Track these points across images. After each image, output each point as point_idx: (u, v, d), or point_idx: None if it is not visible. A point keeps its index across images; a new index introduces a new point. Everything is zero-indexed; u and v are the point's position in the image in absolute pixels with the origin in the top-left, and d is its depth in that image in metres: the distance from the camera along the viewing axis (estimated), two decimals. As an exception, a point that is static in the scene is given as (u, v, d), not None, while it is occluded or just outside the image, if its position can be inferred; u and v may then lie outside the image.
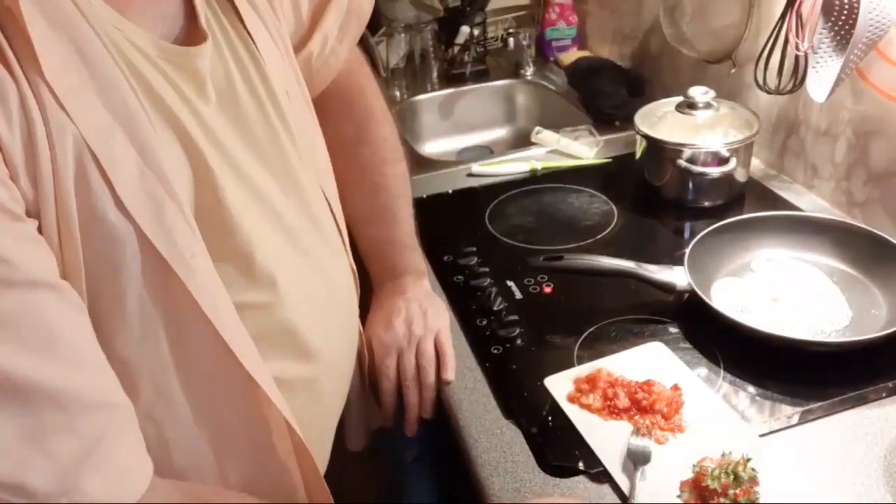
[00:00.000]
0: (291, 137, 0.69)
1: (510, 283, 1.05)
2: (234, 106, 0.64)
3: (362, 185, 0.94)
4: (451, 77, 1.86)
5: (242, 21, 0.67)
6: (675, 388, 0.83)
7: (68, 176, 0.49)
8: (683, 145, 1.18)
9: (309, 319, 0.68)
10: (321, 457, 0.75)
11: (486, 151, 1.81)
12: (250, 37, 0.67)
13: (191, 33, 0.62)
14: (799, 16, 1.07)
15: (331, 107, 0.84)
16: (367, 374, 0.91)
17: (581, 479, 0.76)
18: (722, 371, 0.88)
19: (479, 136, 1.85)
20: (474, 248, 1.14)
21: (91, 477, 0.47)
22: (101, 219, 0.50)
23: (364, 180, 0.95)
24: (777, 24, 1.13)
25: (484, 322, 0.98)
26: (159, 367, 0.56)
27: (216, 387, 0.59)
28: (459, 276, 1.09)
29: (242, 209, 0.61)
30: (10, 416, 0.44)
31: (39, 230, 0.49)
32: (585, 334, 0.95)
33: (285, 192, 0.68)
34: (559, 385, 0.86)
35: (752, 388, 0.86)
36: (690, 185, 1.21)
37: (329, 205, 0.77)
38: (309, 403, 0.70)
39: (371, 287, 0.98)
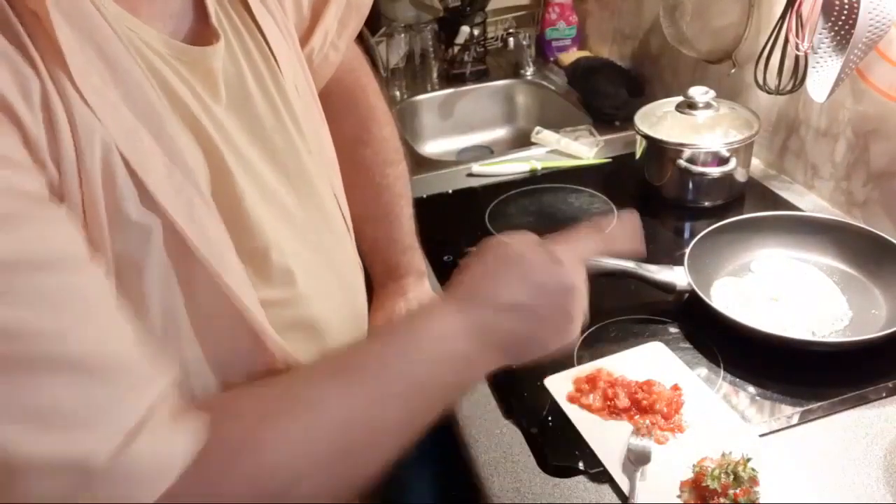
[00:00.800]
0: (301, 134, 0.69)
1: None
2: (245, 104, 0.64)
3: (364, 186, 0.94)
4: (451, 77, 1.86)
5: (252, 15, 0.67)
6: (675, 388, 0.83)
7: (96, 177, 0.49)
8: (683, 145, 1.18)
9: (325, 314, 0.69)
10: None
11: (486, 151, 1.81)
12: (260, 31, 0.67)
13: (200, 30, 0.61)
14: (799, 16, 1.07)
15: (333, 106, 0.84)
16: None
17: (581, 479, 0.76)
18: (722, 371, 0.88)
19: (479, 136, 1.86)
20: (474, 249, 1.14)
21: (148, 438, 0.46)
22: (127, 221, 0.50)
23: (366, 181, 0.95)
24: (777, 24, 1.13)
25: (484, 322, 0.98)
26: (183, 370, 0.55)
27: (243, 380, 0.60)
28: (459, 276, 1.09)
29: (258, 208, 0.62)
30: (67, 390, 0.44)
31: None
32: (585, 334, 0.95)
33: (297, 190, 0.68)
34: (559, 385, 0.86)
35: (752, 388, 0.86)
36: (690, 185, 1.21)
37: (337, 200, 0.77)
38: None
39: (371, 286, 0.98)
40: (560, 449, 0.79)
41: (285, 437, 0.51)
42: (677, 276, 0.96)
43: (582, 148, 1.44)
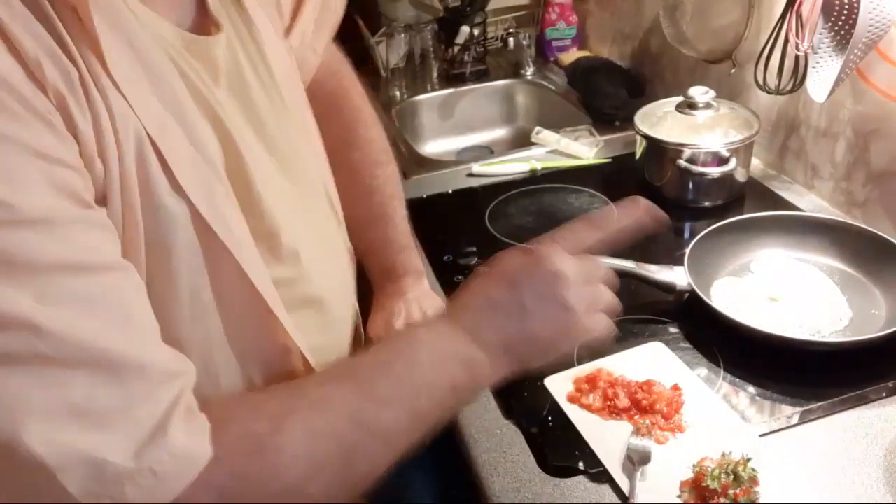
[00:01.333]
0: (292, 120, 0.72)
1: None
2: (243, 92, 0.66)
3: (355, 188, 0.95)
4: (451, 77, 1.86)
5: (243, 5, 0.69)
6: (675, 388, 0.83)
7: (131, 164, 0.51)
8: (683, 145, 1.18)
9: (326, 291, 0.72)
10: None
11: (486, 151, 1.81)
12: (251, 22, 0.69)
13: (200, 21, 0.64)
14: (799, 16, 1.07)
15: (318, 110, 0.86)
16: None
17: (581, 479, 0.76)
18: (722, 371, 0.88)
19: (479, 136, 1.85)
20: (474, 248, 1.14)
21: (176, 431, 0.48)
22: (157, 205, 0.53)
23: (357, 183, 0.95)
24: (777, 24, 1.13)
25: (484, 322, 0.98)
26: (207, 347, 0.59)
27: (260, 359, 0.63)
28: (459, 277, 1.09)
29: (266, 191, 0.64)
30: (103, 388, 0.46)
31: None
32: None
33: (291, 173, 0.70)
34: (559, 385, 0.86)
35: (752, 388, 0.86)
36: (690, 185, 1.21)
37: (325, 185, 0.80)
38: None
39: (369, 286, 0.98)
40: (560, 449, 0.79)
41: (293, 438, 0.52)
42: (677, 276, 0.96)
43: (582, 148, 1.44)
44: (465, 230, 1.22)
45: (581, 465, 0.77)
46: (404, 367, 0.58)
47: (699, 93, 1.21)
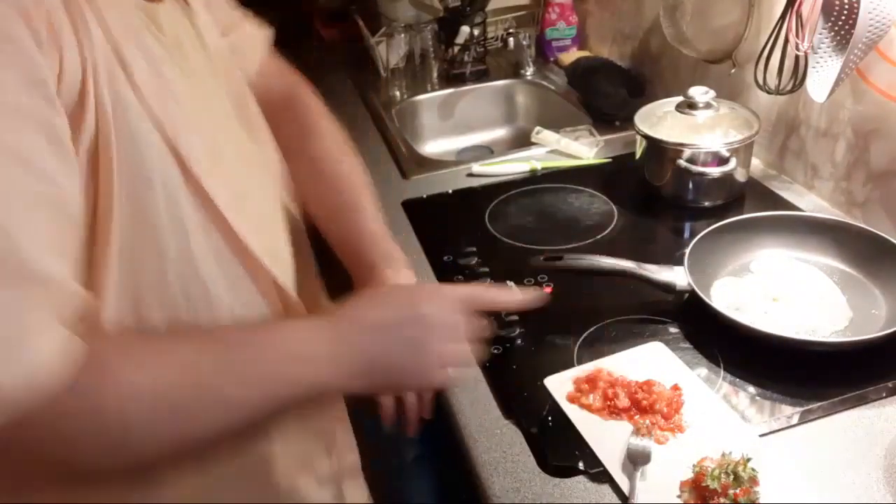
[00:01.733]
0: (225, 86, 0.78)
1: (510, 284, 1.05)
2: (183, 55, 0.70)
3: (318, 180, 0.94)
4: (451, 77, 1.86)
5: None
6: (675, 388, 0.83)
7: (104, 81, 0.55)
8: (683, 145, 1.18)
9: (267, 215, 0.78)
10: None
11: (486, 151, 1.81)
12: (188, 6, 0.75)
13: None
14: (799, 16, 1.07)
15: (270, 110, 0.87)
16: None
17: (581, 479, 0.76)
18: (722, 371, 0.88)
19: (479, 136, 1.86)
20: (474, 248, 1.14)
21: (43, 339, 0.49)
22: (129, 122, 0.57)
23: (318, 174, 0.95)
24: (777, 24, 1.13)
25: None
26: (190, 260, 0.63)
27: (228, 265, 0.68)
28: (459, 277, 1.09)
29: (210, 122, 0.69)
30: None
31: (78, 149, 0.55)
32: (585, 334, 0.95)
33: (227, 116, 0.76)
34: (559, 385, 0.86)
35: (752, 388, 0.86)
36: (690, 185, 1.21)
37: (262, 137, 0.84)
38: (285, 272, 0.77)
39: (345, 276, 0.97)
40: (560, 449, 0.79)
41: (135, 373, 0.54)
42: (677, 276, 0.96)
43: (582, 148, 1.44)
44: (465, 230, 1.22)
45: (581, 465, 0.77)
46: (268, 351, 0.60)
47: (699, 93, 1.21)
